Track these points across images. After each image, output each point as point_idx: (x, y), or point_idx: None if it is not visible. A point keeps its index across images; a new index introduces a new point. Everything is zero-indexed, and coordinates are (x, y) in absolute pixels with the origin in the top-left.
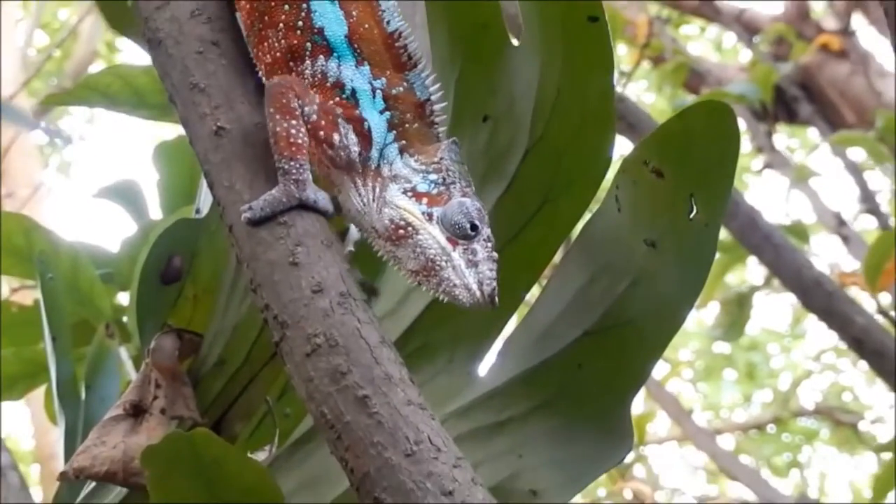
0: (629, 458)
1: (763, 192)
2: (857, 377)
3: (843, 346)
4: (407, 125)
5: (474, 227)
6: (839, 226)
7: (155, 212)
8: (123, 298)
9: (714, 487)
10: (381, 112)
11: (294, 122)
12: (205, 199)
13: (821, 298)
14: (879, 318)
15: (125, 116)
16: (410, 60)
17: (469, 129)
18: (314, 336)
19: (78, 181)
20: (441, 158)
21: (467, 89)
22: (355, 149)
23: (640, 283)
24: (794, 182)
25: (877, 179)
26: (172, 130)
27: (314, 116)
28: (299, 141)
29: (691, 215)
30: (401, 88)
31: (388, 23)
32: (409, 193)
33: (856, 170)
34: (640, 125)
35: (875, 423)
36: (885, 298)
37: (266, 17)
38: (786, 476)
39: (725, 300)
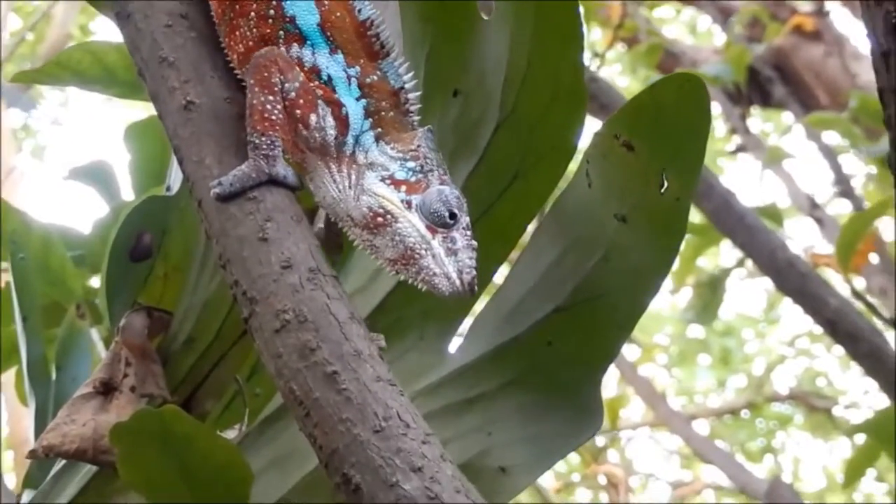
0: (602, 441)
1: (737, 175)
2: (831, 362)
3: (817, 331)
4: (383, 113)
5: (453, 216)
6: (813, 208)
7: (127, 193)
8: (95, 282)
9: (688, 472)
10: (357, 100)
11: (272, 97)
12: (175, 176)
13: (794, 280)
14: (853, 301)
15: (99, 100)
16: (383, 49)
17: (439, 103)
18: (283, 312)
19: (52, 165)
20: (418, 146)
21: (438, 64)
22: (332, 132)
23: (611, 258)
24: (768, 164)
25: (851, 164)
26: (144, 111)
27: (293, 94)
28: (273, 117)
29: (662, 189)
30: (375, 77)
31: (359, 11)
32: (388, 181)
33: (830, 153)
34: (612, 106)
35: (849, 409)
36: (859, 283)
37: (237, 6)
38: (760, 461)
39: (698, 283)
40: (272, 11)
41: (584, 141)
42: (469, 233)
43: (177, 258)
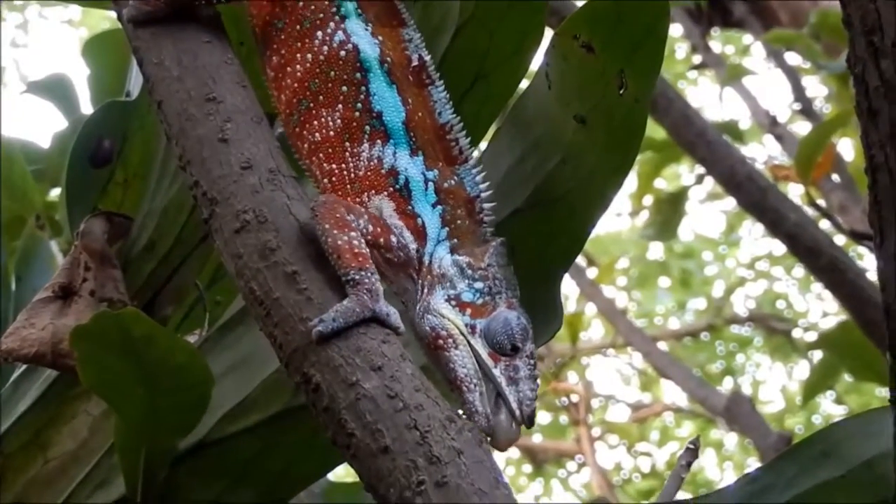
0: (561, 362)
1: (698, 98)
2: (790, 285)
3: (777, 253)
4: (459, 222)
5: (515, 349)
6: (773, 126)
7: (86, 107)
8: (55, 195)
9: (648, 396)
10: (434, 206)
11: (353, 233)
12: (135, 82)
13: (754, 194)
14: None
15: (57, 21)
16: (462, 155)
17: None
18: (243, 212)
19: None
20: (489, 265)
21: None
22: (413, 246)
23: (570, 160)
24: (728, 81)
25: (812, 86)
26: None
27: (369, 227)
28: (364, 251)
29: (621, 90)
30: (452, 182)
31: (440, 114)
32: (454, 302)
33: (791, 71)
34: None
35: (808, 331)
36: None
37: (321, 97)
38: (720, 384)
39: (658, 199)
40: (360, 105)
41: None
42: (533, 361)
43: (137, 164)
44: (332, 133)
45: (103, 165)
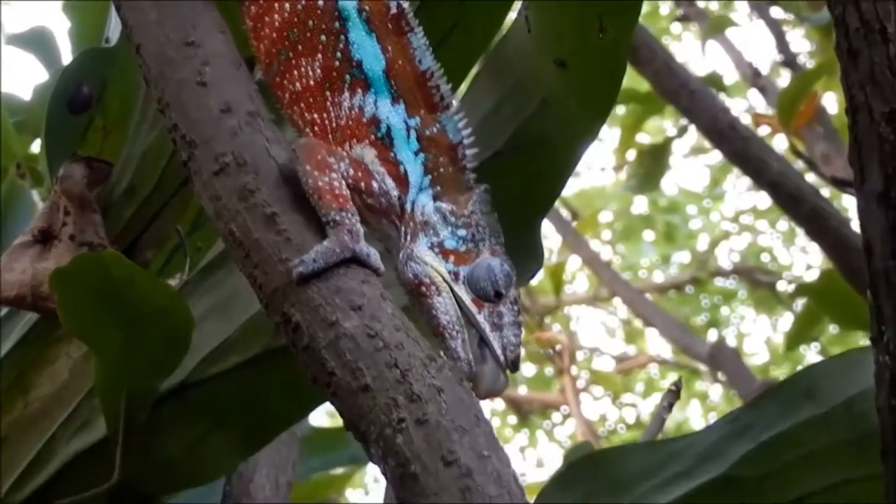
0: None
1: (682, 52)
2: (774, 238)
3: (761, 206)
4: (441, 169)
5: (498, 294)
6: (756, 77)
7: (68, 60)
8: (36, 148)
9: (632, 348)
10: (416, 153)
11: (334, 174)
12: (114, 29)
13: (736, 143)
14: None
15: None
16: (443, 101)
17: None
18: (222, 155)
19: None
20: (472, 212)
21: None
22: (394, 193)
23: (550, 103)
24: (711, 33)
25: (796, 41)
26: None
27: (350, 170)
28: (345, 192)
29: (601, 33)
30: (434, 129)
31: (420, 61)
32: (437, 249)
33: (774, 24)
34: None
35: (793, 284)
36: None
37: (300, 46)
38: (704, 337)
39: (641, 151)
40: (339, 54)
41: None
42: (516, 307)
43: (116, 110)
44: (312, 83)
45: (82, 111)
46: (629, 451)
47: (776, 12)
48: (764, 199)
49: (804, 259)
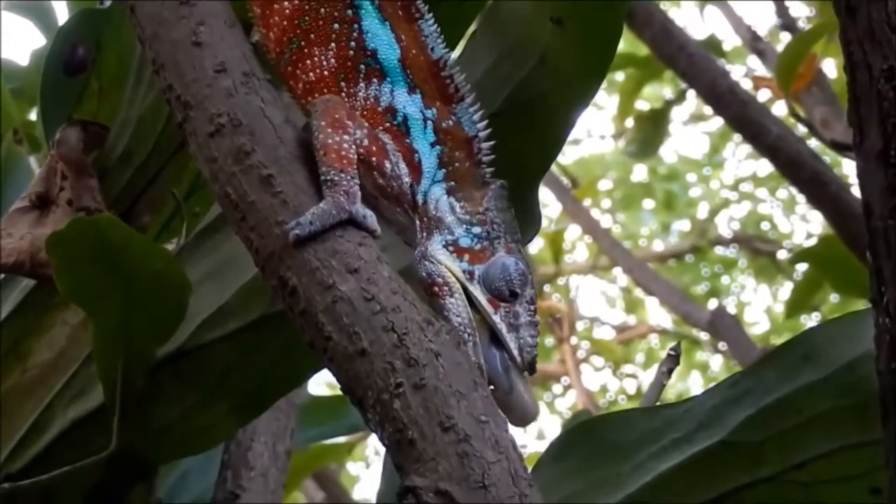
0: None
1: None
2: (775, 207)
3: (761, 174)
4: (457, 164)
5: (514, 294)
6: (754, 41)
7: None
8: (34, 115)
9: (632, 318)
10: (432, 146)
11: (346, 136)
12: None
13: (735, 107)
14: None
15: None
16: (458, 93)
17: None
18: (217, 116)
19: None
20: (487, 209)
21: None
22: (406, 179)
23: (547, 62)
24: None
25: (795, 7)
26: None
27: (365, 141)
28: (351, 155)
29: None
30: (450, 122)
31: (432, 49)
32: (451, 248)
33: None
34: None
35: (793, 252)
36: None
37: (312, 35)
38: (704, 305)
39: (639, 116)
40: (353, 43)
41: None
42: (533, 307)
43: (112, 72)
44: (326, 73)
45: (77, 73)
46: (628, 417)
47: None
48: (764, 167)
49: (804, 227)
